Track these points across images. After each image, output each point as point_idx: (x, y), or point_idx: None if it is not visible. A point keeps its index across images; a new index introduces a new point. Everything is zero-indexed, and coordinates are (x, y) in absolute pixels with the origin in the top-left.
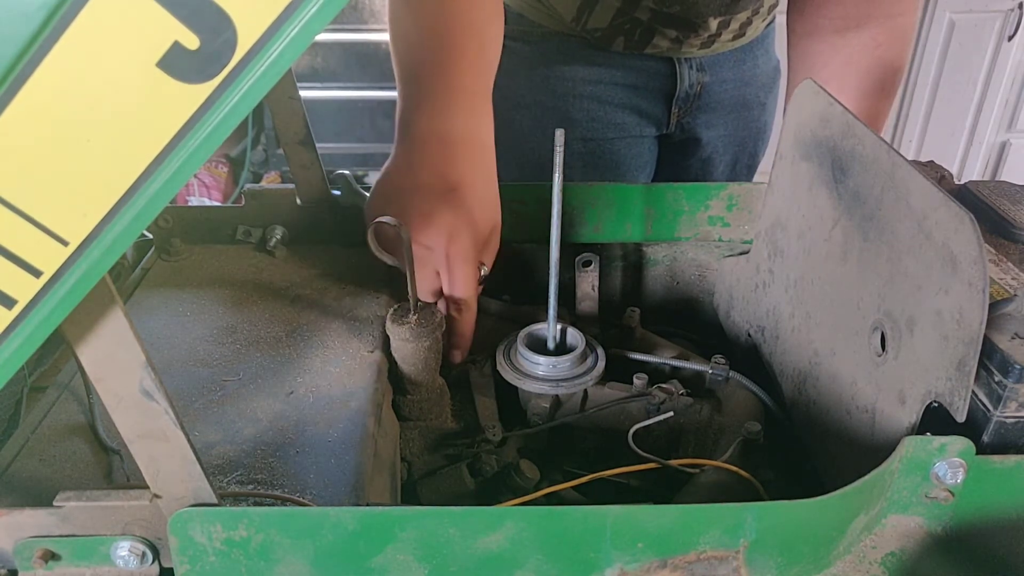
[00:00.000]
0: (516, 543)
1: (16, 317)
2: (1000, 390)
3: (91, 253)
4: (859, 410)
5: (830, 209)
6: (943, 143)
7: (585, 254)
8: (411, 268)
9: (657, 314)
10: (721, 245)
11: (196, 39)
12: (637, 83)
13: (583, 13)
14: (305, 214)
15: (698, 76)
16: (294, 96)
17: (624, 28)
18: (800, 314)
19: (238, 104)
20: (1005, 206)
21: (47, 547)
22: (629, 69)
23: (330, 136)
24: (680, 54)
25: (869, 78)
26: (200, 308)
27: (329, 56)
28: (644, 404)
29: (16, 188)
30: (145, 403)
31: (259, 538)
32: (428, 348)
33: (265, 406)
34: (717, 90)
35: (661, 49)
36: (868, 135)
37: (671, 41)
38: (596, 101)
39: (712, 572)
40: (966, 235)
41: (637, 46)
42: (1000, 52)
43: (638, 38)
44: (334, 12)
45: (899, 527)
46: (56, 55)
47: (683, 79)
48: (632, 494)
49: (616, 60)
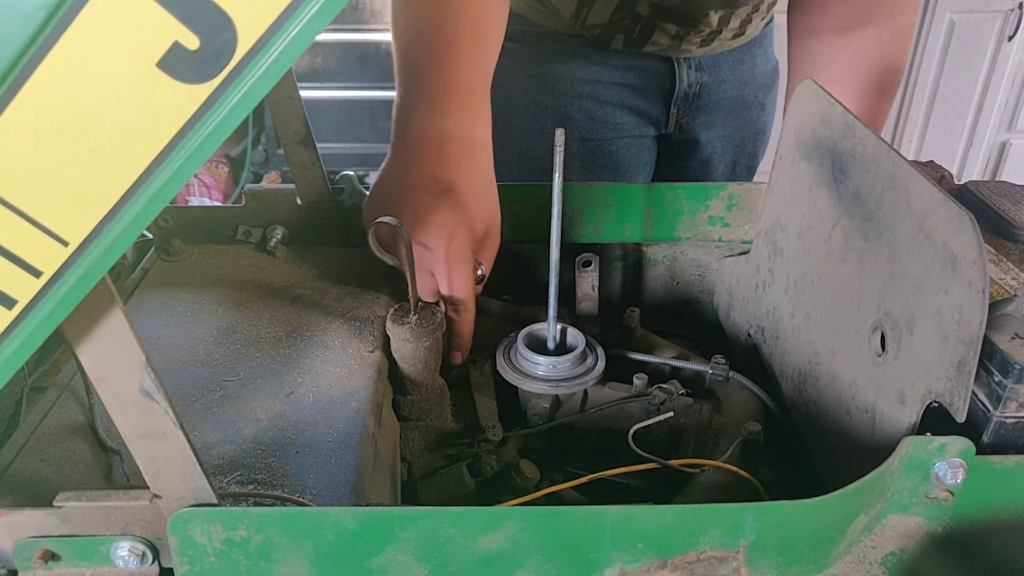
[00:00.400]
0: (516, 543)
1: (16, 317)
2: (1000, 390)
3: (91, 253)
4: (859, 410)
5: (830, 209)
6: (943, 143)
7: (585, 254)
8: (411, 268)
9: (657, 314)
10: (721, 245)
11: (196, 39)
12: (636, 83)
13: (582, 9)
14: (305, 214)
15: (697, 76)
16: (294, 96)
17: (624, 24)
18: (800, 314)
19: (238, 104)
20: (1005, 206)
21: (47, 547)
22: (628, 69)
23: (330, 136)
24: (680, 53)
25: (870, 78)
26: (200, 308)
27: (329, 56)
28: (644, 404)
29: (16, 188)
30: (145, 403)
31: (259, 538)
32: (428, 348)
33: (265, 406)
34: (716, 90)
35: (661, 47)
36: (868, 135)
37: (671, 38)
38: (595, 101)
39: (712, 572)
40: (966, 235)
41: (636, 43)
42: (1000, 52)
43: (637, 35)
44: (334, 12)
45: (899, 527)
46: (56, 55)
47: (682, 79)
48: (632, 494)
49: (615, 60)
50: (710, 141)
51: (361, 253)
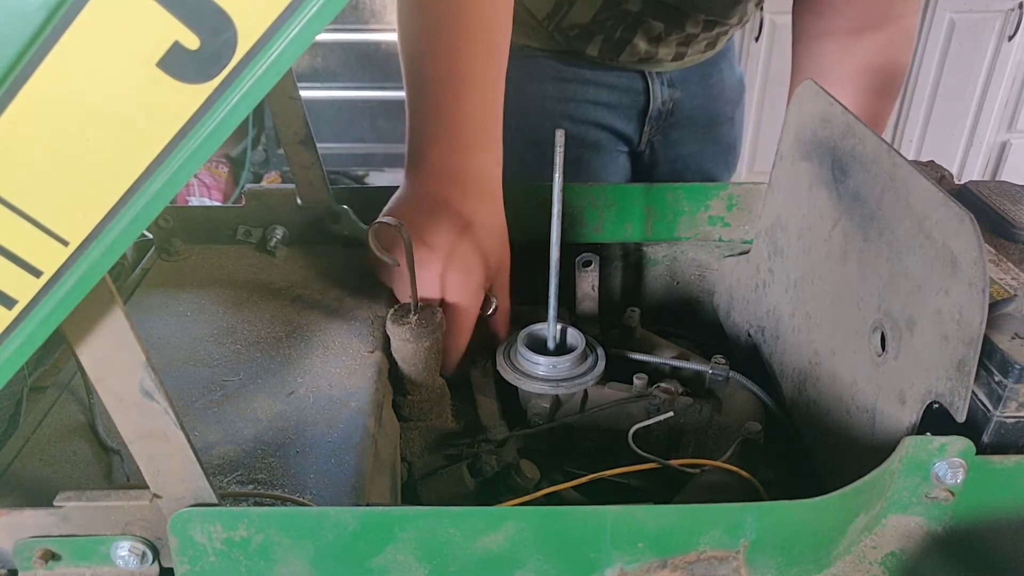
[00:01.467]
0: (516, 543)
1: (16, 317)
2: (1000, 390)
3: (91, 253)
4: (859, 410)
5: (830, 209)
6: (943, 143)
7: (585, 254)
8: (412, 268)
9: (657, 314)
10: (721, 245)
11: (196, 39)
12: (610, 101)
13: (561, 7)
14: (305, 214)
15: (670, 92)
16: (294, 96)
17: (606, 24)
18: (800, 314)
19: (238, 104)
20: (1005, 206)
21: (47, 547)
22: (601, 86)
23: (330, 136)
24: (652, 66)
25: (880, 79)
26: (200, 308)
27: (329, 56)
28: (644, 404)
29: (16, 188)
30: (145, 403)
31: (259, 538)
32: (428, 348)
33: (265, 406)
34: (688, 106)
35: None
36: (868, 135)
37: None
38: (567, 119)
39: (712, 572)
40: (966, 235)
41: (613, 50)
42: (1000, 52)
43: (617, 38)
44: (334, 12)
45: (899, 527)
46: (56, 55)
47: (656, 96)
48: (632, 494)
49: (587, 75)
50: (681, 158)
51: (361, 253)
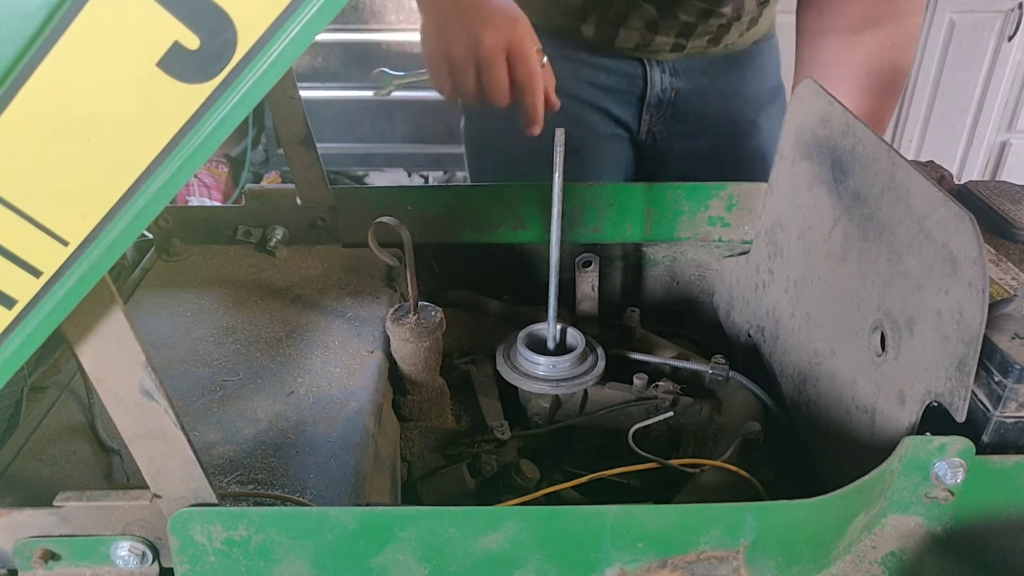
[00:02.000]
0: (516, 543)
1: (16, 317)
2: (1000, 390)
3: (91, 253)
4: (859, 410)
5: (830, 209)
6: (943, 143)
7: (585, 254)
8: (411, 268)
9: (657, 314)
10: (721, 245)
11: (196, 39)
12: (607, 83)
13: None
14: (305, 214)
15: (672, 81)
16: (294, 96)
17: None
18: (800, 314)
19: (238, 104)
20: (1005, 206)
21: (47, 547)
22: (598, 69)
23: (330, 136)
24: (649, 54)
25: (881, 78)
26: (200, 308)
27: (329, 56)
28: (644, 404)
29: (16, 188)
30: (145, 403)
31: (259, 538)
32: (428, 348)
33: (265, 406)
34: (695, 99)
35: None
36: (868, 135)
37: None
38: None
39: (712, 572)
40: (966, 235)
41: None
42: (1000, 52)
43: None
44: (334, 12)
45: (899, 527)
46: (56, 55)
47: (654, 83)
48: (632, 494)
49: (583, 58)
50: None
51: (361, 253)
